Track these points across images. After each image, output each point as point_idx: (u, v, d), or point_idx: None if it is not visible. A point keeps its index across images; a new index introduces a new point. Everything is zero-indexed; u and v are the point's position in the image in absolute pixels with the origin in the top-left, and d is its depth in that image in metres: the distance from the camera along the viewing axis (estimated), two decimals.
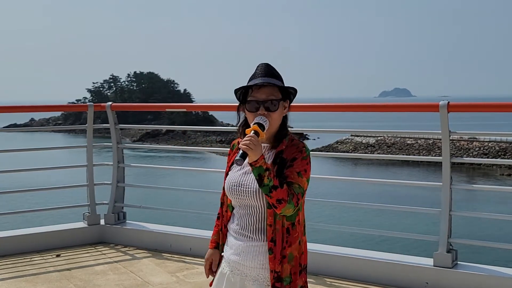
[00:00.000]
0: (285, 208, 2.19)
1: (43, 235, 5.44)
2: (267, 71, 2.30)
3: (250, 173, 2.27)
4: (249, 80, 2.32)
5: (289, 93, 2.36)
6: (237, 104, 2.40)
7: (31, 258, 5.09)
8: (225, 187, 2.39)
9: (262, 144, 2.32)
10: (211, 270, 2.53)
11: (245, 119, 2.38)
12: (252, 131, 2.19)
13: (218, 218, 2.57)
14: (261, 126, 2.22)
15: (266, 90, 2.28)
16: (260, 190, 2.21)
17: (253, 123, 2.25)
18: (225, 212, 2.48)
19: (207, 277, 2.56)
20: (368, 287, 4.30)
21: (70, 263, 4.98)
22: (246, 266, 2.31)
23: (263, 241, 2.28)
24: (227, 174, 2.43)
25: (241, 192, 2.30)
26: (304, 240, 2.36)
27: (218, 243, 2.53)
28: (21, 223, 8.97)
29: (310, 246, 4.80)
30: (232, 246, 2.37)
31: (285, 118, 2.36)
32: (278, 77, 2.32)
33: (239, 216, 2.36)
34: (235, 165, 2.32)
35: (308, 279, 4.64)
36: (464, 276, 4.07)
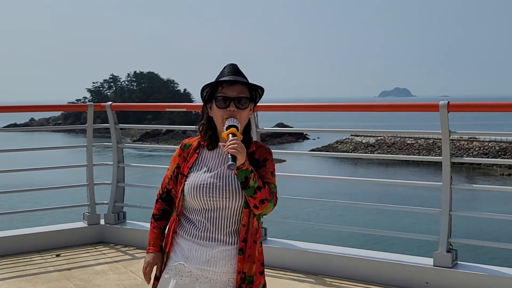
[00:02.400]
0: (267, 208, 2.21)
1: (43, 235, 5.44)
2: (236, 71, 2.29)
3: (223, 175, 2.25)
4: (217, 79, 2.28)
5: (256, 96, 2.34)
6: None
7: (31, 258, 5.09)
8: (190, 190, 2.25)
9: None
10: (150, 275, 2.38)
11: (207, 119, 2.32)
12: (231, 134, 2.16)
13: (156, 219, 2.42)
14: (236, 128, 2.20)
15: (237, 87, 2.26)
16: (237, 191, 2.22)
17: (227, 125, 2.20)
18: (176, 216, 2.33)
19: (148, 282, 2.38)
20: (368, 287, 4.30)
21: (70, 263, 4.98)
22: (217, 272, 2.24)
23: (236, 244, 2.25)
24: (180, 175, 2.32)
25: (215, 195, 2.23)
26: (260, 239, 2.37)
27: (161, 246, 2.39)
28: (20, 223, 8.97)
29: (310, 246, 4.82)
30: (194, 254, 2.25)
31: (249, 121, 2.34)
32: (246, 78, 2.31)
33: (207, 219, 2.25)
34: (198, 166, 2.28)
35: (308, 279, 4.65)
36: (464, 276, 4.07)
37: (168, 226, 2.38)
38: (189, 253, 2.26)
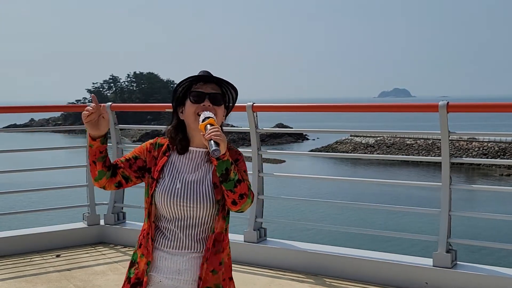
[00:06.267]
0: (245, 204, 2.14)
1: (43, 235, 5.44)
2: (209, 74, 2.25)
3: (196, 182, 2.19)
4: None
5: (229, 100, 2.29)
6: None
7: (31, 258, 5.09)
8: (162, 197, 2.18)
9: (200, 149, 2.24)
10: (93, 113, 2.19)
11: (177, 123, 2.26)
12: (209, 125, 2.08)
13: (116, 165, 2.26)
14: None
15: (211, 86, 2.22)
16: (210, 199, 2.16)
17: (203, 117, 2.12)
18: (152, 222, 2.22)
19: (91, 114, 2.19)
20: (368, 287, 4.31)
21: (70, 263, 4.98)
22: (187, 280, 2.19)
23: (202, 251, 2.20)
24: (150, 179, 2.24)
25: (188, 203, 2.17)
26: (229, 245, 2.31)
27: (106, 158, 2.24)
28: (20, 223, 8.98)
29: (310, 246, 4.83)
30: (165, 263, 2.21)
31: (221, 126, 2.26)
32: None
33: (177, 228, 2.19)
34: (169, 171, 2.20)
35: (307, 279, 4.65)
36: (464, 276, 4.07)
37: (144, 231, 2.25)
38: (159, 263, 2.21)
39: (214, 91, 2.22)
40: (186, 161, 2.24)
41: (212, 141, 2.02)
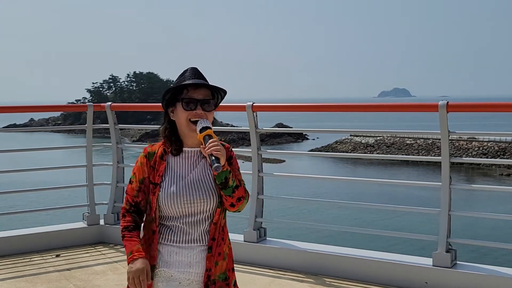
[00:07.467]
0: (242, 205, 2.26)
1: (43, 235, 5.45)
2: (198, 74, 2.28)
3: (197, 180, 2.25)
4: (178, 83, 2.28)
5: (218, 98, 2.34)
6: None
7: (31, 258, 5.09)
8: (167, 199, 2.22)
9: (193, 149, 2.29)
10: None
11: (169, 123, 2.30)
12: (207, 136, 2.16)
13: (130, 229, 2.26)
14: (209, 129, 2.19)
15: (202, 91, 2.26)
16: (212, 194, 2.23)
17: (200, 127, 2.19)
18: (156, 227, 2.27)
19: None
20: (368, 287, 4.31)
21: (70, 263, 4.98)
22: (198, 273, 2.26)
23: (206, 243, 2.26)
24: (151, 185, 2.28)
25: (193, 201, 2.23)
26: (228, 236, 2.39)
27: (139, 230, 2.29)
28: (20, 223, 8.98)
29: (310, 246, 4.83)
30: (176, 258, 2.25)
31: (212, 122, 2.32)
32: (207, 81, 2.31)
33: (185, 224, 2.25)
34: (169, 174, 2.26)
35: (307, 279, 4.65)
36: (463, 276, 4.07)
37: (149, 239, 2.29)
38: (168, 258, 2.26)
39: (206, 97, 2.26)
40: (183, 161, 2.30)
41: (212, 156, 2.11)
